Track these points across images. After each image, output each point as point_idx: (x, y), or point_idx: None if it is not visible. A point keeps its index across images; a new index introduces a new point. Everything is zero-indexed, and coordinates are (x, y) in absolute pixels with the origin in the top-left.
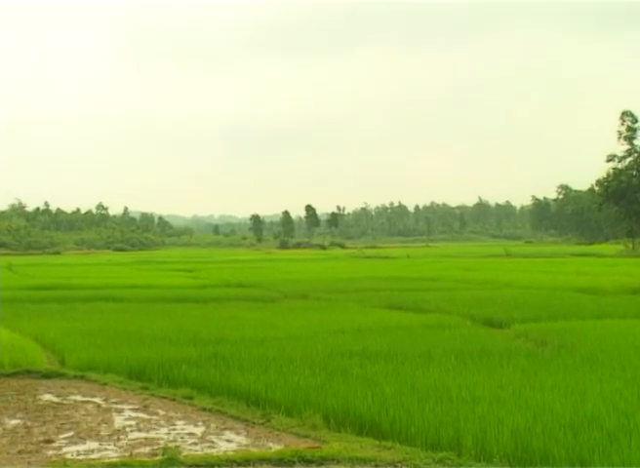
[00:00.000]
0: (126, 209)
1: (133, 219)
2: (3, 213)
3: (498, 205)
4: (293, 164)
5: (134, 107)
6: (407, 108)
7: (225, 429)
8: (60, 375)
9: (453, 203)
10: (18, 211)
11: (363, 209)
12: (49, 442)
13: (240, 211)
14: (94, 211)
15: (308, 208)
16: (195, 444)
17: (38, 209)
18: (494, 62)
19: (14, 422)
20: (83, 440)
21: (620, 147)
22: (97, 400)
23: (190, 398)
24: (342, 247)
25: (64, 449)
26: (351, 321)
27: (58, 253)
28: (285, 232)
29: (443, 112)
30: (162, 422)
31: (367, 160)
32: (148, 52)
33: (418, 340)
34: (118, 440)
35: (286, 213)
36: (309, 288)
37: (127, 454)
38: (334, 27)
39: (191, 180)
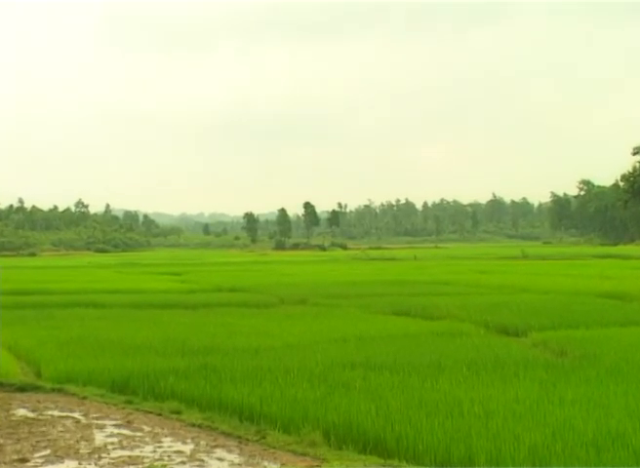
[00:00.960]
0: (108, 206)
1: (115, 218)
2: None
3: (513, 202)
4: (290, 158)
5: (116, 97)
6: (415, 98)
7: (216, 447)
8: (36, 388)
9: (464, 200)
10: None
11: (366, 206)
12: (23, 461)
13: (232, 208)
14: (73, 208)
15: (307, 205)
16: (183, 463)
17: (11, 206)
18: (510, 50)
19: None
20: (61, 459)
21: None
22: (76, 415)
23: (178, 412)
24: (344, 248)
25: None
26: (354, 328)
27: (33, 254)
28: (281, 232)
29: (455, 103)
30: (147, 439)
31: (371, 153)
32: (133, 36)
33: (426, 350)
34: (99, 458)
35: (282, 210)
36: (308, 292)
37: None
38: (336, 11)
39: (179, 176)
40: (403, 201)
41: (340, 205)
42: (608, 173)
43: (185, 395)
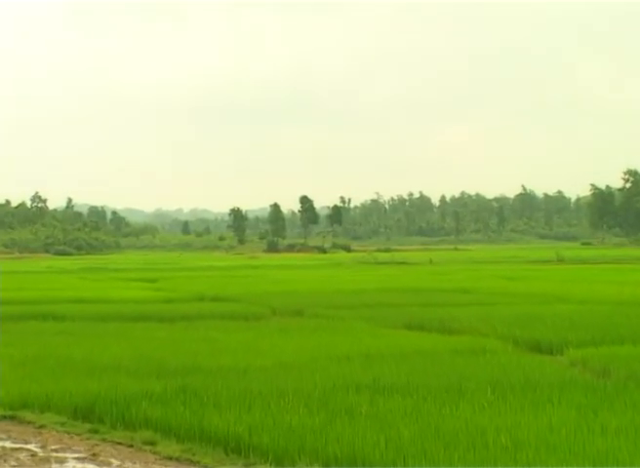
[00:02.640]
0: (70, 201)
1: (78, 215)
2: None
3: (547, 196)
4: (283, 144)
5: (80, 75)
6: (430, 73)
7: None
8: None
9: (489, 193)
10: None
11: (374, 201)
12: None
13: (216, 203)
14: (28, 203)
15: (304, 200)
16: None
17: None
18: (549, 23)
19: None
20: None
21: None
22: (31, 447)
23: (152, 443)
24: (347, 250)
25: None
26: (359, 344)
27: None
28: (274, 231)
29: (478, 78)
30: None
31: (379, 138)
32: (100, 10)
33: (444, 370)
34: None
35: (275, 206)
36: (305, 302)
37: None
38: None
39: (153, 165)
40: (417, 195)
41: (342, 199)
42: None
43: (161, 423)
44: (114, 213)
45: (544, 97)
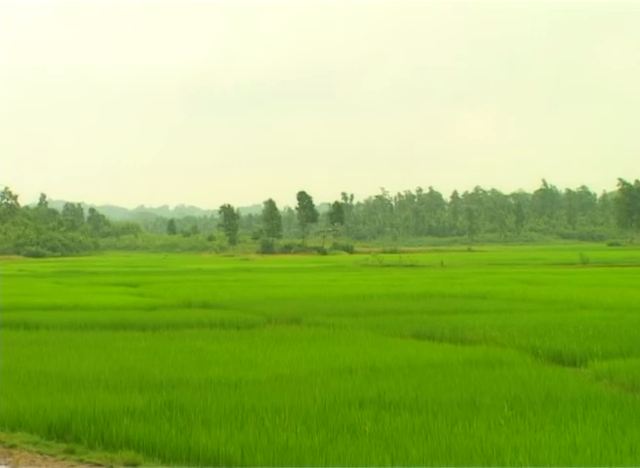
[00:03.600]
0: (43, 197)
1: (53, 212)
2: None
3: (569, 191)
4: (279, 134)
5: (55, 59)
6: (440, 56)
7: None
8: None
9: (506, 189)
10: None
11: (379, 197)
12: None
13: (205, 200)
14: None
15: (302, 196)
16: None
17: None
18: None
19: None
20: None
21: None
22: None
23: (135, 465)
24: (350, 251)
25: None
26: (362, 355)
27: None
28: (269, 230)
29: (495, 62)
30: None
31: (384, 128)
32: None
33: (456, 383)
34: None
35: (270, 203)
36: (303, 309)
37: None
38: None
39: (135, 158)
40: (426, 190)
41: (344, 195)
42: None
43: (144, 442)
44: (92, 210)
45: (567, 83)
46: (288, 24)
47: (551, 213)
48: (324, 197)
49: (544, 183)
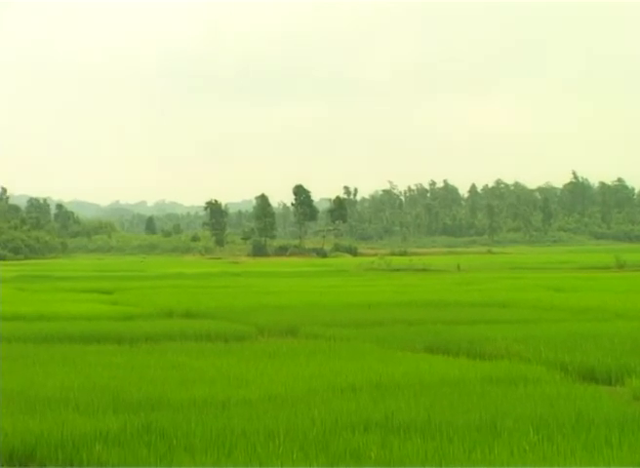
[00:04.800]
0: (4, 191)
1: (15, 209)
2: None
3: (603, 185)
4: (274, 121)
5: (19, 43)
6: (453, 33)
7: None
8: None
9: (531, 182)
10: None
11: (386, 192)
12: None
13: (188, 195)
14: None
15: (299, 190)
16: None
17: None
18: None
19: None
20: None
21: None
22: None
23: None
24: (353, 253)
25: None
26: (368, 372)
27: None
28: (261, 230)
29: (515, 39)
30: None
31: (392, 113)
32: None
33: (475, 404)
34: None
35: (262, 198)
36: (300, 319)
37: None
38: None
39: (109, 148)
40: (440, 184)
41: (347, 190)
42: None
43: None
44: (60, 206)
45: (599, 62)
46: (284, 5)
47: (583, 209)
48: (324, 192)
49: (575, 176)
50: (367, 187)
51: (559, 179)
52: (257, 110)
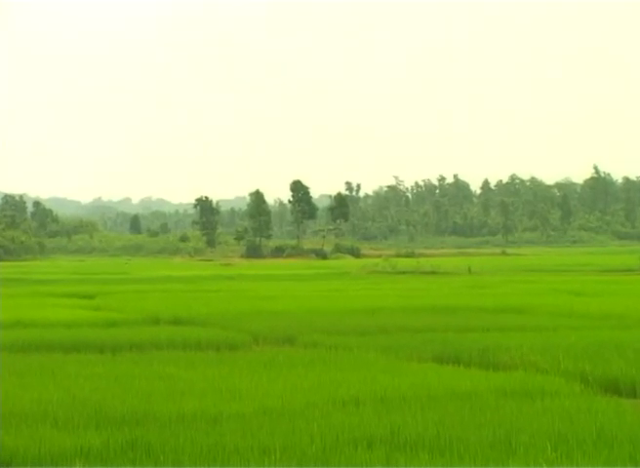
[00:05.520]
0: None
1: None
2: None
3: (627, 181)
4: (268, 108)
5: None
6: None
7: None
8: None
9: (549, 178)
10: None
11: (391, 188)
12: None
13: (176, 191)
14: None
15: (297, 186)
16: None
17: None
18: None
19: None
20: None
21: None
22: None
23: None
24: (356, 254)
25: None
26: (372, 384)
27: None
28: (256, 229)
29: (533, 17)
30: None
31: (397, 103)
32: None
33: (487, 418)
34: None
35: (257, 195)
36: (298, 326)
37: None
38: None
39: (91, 140)
40: (450, 179)
41: (349, 186)
42: None
43: None
44: (38, 204)
45: (621, 45)
46: None
47: (605, 207)
48: (324, 188)
49: (596, 171)
50: (370, 183)
51: (579, 174)
52: (249, 98)
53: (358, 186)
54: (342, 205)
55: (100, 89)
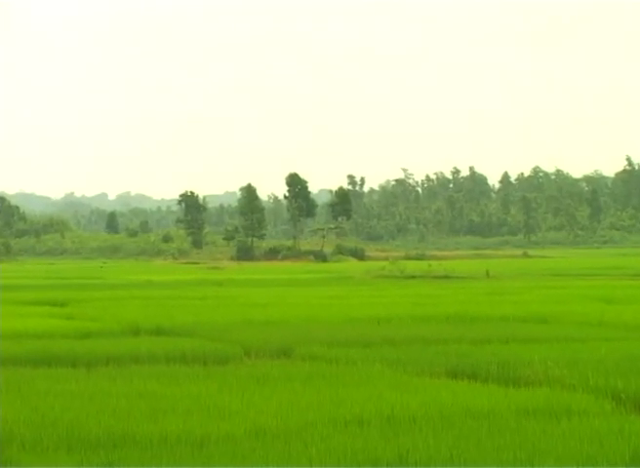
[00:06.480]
0: None
1: None
2: None
3: None
4: (261, 92)
5: None
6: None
7: None
8: None
9: (576, 170)
10: None
11: (399, 182)
12: None
13: (158, 186)
14: None
15: (293, 180)
16: None
17: None
18: None
19: None
20: None
21: None
22: None
23: None
24: (360, 256)
25: None
26: (378, 401)
27: None
28: (248, 228)
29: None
30: None
31: (406, 87)
32: None
33: (507, 440)
34: None
35: (249, 190)
36: (295, 337)
37: None
38: None
39: (63, 129)
40: (465, 172)
41: (351, 179)
42: None
43: None
44: (3, 200)
45: None
46: None
47: (639, 203)
48: (324, 182)
49: (629, 163)
50: (376, 176)
51: (610, 167)
52: (242, 78)
53: (362, 180)
54: (345, 201)
55: (70, 73)
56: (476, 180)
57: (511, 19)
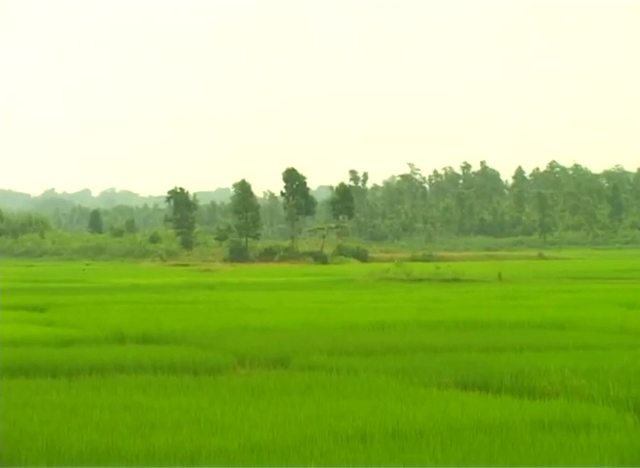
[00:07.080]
0: None
1: None
2: None
3: None
4: (256, 82)
5: None
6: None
7: None
8: None
9: (596, 166)
10: None
11: (405, 177)
12: None
13: (145, 182)
14: None
15: (290, 175)
16: None
17: None
18: None
19: None
20: None
21: None
22: None
23: None
24: (363, 258)
25: None
26: (382, 414)
27: None
28: (242, 227)
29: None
30: None
31: (412, 79)
32: None
33: (522, 455)
34: None
35: (243, 186)
36: (293, 345)
37: None
38: None
39: (43, 122)
40: (476, 167)
41: (354, 175)
42: None
43: None
44: None
45: None
46: None
47: None
48: (324, 177)
49: None
50: (380, 172)
51: (632, 162)
52: (233, 73)
53: (365, 176)
54: (346, 198)
55: (52, 66)
56: (488, 176)
57: (526, 9)
